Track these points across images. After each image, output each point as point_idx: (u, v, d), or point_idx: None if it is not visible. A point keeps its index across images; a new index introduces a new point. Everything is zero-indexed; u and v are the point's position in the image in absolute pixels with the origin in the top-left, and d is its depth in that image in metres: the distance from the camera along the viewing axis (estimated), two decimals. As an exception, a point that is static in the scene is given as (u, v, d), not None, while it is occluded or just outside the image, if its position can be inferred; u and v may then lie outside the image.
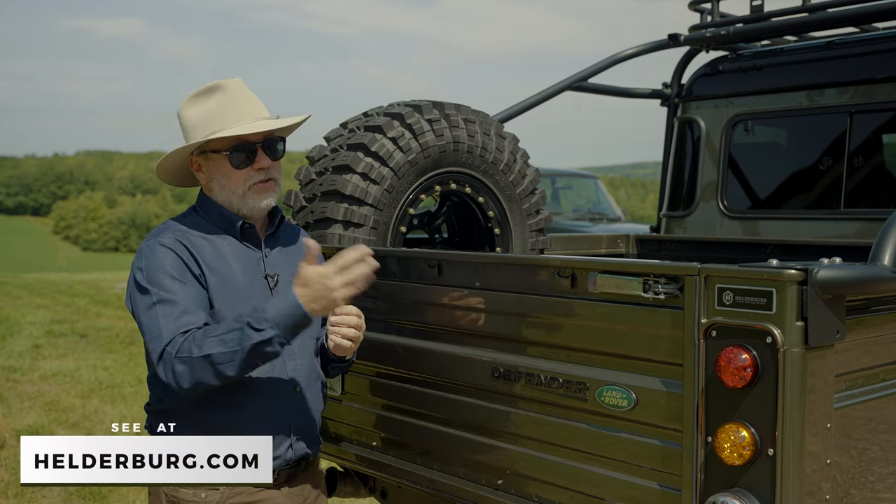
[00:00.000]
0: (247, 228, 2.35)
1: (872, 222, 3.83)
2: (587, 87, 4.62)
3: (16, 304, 12.52)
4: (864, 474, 2.09)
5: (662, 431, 2.06)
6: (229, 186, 2.31)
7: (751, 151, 4.49)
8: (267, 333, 2.04)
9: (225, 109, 2.29)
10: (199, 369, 2.05)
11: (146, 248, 2.25)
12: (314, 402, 2.40)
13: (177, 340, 2.09)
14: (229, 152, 2.29)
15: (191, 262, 2.22)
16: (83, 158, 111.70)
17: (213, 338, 2.06)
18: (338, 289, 2.05)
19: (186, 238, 2.26)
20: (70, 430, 6.25)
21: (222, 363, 2.05)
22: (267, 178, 2.32)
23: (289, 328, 2.07)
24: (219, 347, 2.05)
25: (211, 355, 2.04)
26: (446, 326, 2.61)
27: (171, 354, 2.07)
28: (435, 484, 2.62)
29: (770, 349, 1.84)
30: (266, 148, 2.31)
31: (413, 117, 3.15)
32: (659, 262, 2.22)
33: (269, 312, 2.05)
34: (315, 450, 2.44)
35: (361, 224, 3.05)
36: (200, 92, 2.32)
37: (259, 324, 2.05)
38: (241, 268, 2.30)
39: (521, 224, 3.44)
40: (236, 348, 2.04)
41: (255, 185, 2.31)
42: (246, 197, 2.31)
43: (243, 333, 2.04)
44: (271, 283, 2.34)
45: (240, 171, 2.30)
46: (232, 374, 2.07)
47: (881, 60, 4.00)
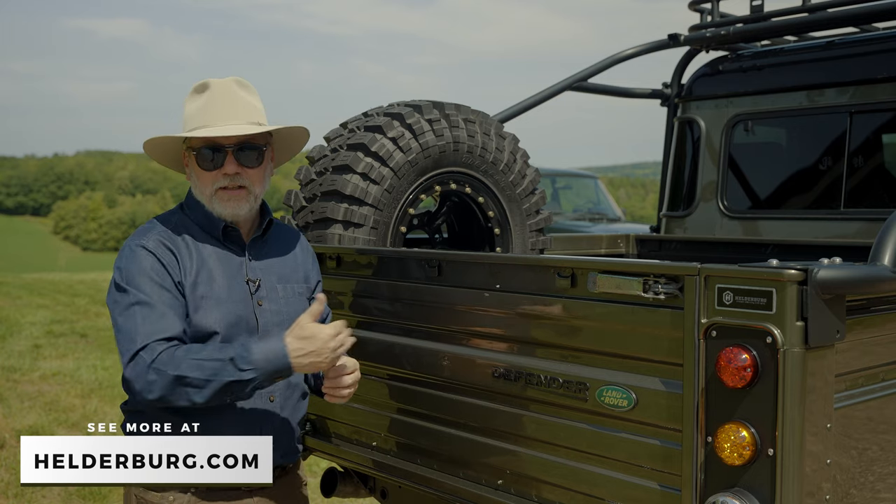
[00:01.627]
0: (230, 231, 2.32)
1: (872, 222, 3.82)
2: (587, 87, 4.62)
3: (16, 304, 12.52)
4: (864, 474, 2.09)
5: (662, 431, 2.06)
6: (199, 187, 2.30)
7: (751, 151, 4.49)
8: (246, 375, 2.05)
9: (205, 109, 2.27)
10: (169, 386, 2.05)
11: (128, 248, 2.24)
12: (291, 412, 2.37)
13: (153, 348, 2.07)
14: (196, 152, 2.27)
15: (172, 267, 2.20)
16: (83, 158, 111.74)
17: (193, 360, 2.05)
18: (333, 351, 2.07)
19: (170, 240, 2.25)
20: (70, 430, 6.25)
21: (193, 388, 2.05)
22: (236, 184, 2.27)
23: (269, 374, 2.07)
24: (195, 372, 2.04)
25: (185, 377, 2.04)
26: (446, 326, 2.61)
27: (146, 362, 2.06)
28: (435, 484, 2.62)
29: (770, 349, 1.84)
30: (238, 153, 2.26)
31: (413, 117, 3.15)
32: (659, 262, 2.21)
33: (254, 354, 2.05)
34: (292, 458, 2.41)
35: (361, 224, 3.05)
36: (196, 87, 2.33)
37: (242, 363, 2.04)
38: (221, 272, 2.27)
39: (521, 224, 3.44)
40: (211, 378, 2.04)
41: (219, 191, 2.27)
42: (212, 200, 2.28)
43: (223, 367, 2.04)
44: (252, 288, 2.30)
45: (207, 173, 2.27)
46: (199, 401, 2.07)
47: (881, 60, 4.00)
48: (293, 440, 2.40)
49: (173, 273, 2.19)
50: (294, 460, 2.44)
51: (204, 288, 2.23)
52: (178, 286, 2.19)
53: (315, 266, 2.54)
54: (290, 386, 2.35)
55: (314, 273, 2.52)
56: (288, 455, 2.38)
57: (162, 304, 2.14)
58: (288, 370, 2.08)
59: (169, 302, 2.16)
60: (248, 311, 2.29)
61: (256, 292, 2.31)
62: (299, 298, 2.41)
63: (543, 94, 4.43)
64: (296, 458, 2.45)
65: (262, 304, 2.32)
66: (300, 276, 2.44)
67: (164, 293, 2.16)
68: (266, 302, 2.32)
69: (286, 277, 2.40)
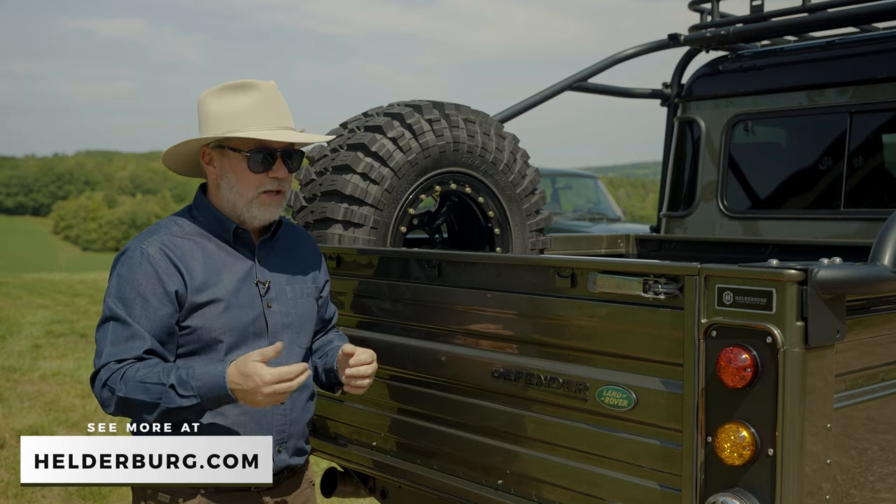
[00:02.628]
0: (241, 234, 2.30)
1: (872, 222, 3.83)
2: (587, 87, 4.62)
3: (16, 304, 12.52)
4: (864, 474, 2.09)
5: (662, 431, 2.06)
6: (238, 188, 2.25)
7: (751, 151, 4.50)
8: (185, 402, 2.05)
9: (255, 110, 2.23)
10: (121, 406, 2.09)
11: (130, 250, 2.21)
12: (299, 413, 2.36)
13: (110, 367, 2.10)
14: (249, 154, 2.23)
15: (169, 275, 2.17)
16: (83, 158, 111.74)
17: (139, 383, 2.06)
18: (267, 396, 2.03)
19: (174, 244, 2.21)
20: (70, 430, 6.25)
21: (141, 410, 2.08)
22: (278, 189, 2.27)
23: (212, 400, 2.07)
24: (142, 395, 2.06)
25: (131, 399, 2.07)
26: (446, 326, 2.61)
27: (103, 380, 2.10)
28: (435, 484, 2.62)
29: (770, 349, 1.84)
30: (285, 158, 2.26)
31: (413, 117, 3.15)
32: (659, 262, 2.21)
33: (196, 380, 2.05)
34: (300, 460, 2.40)
35: (361, 224, 3.05)
36: (231, 86, 2.27)
37: (182, 389, 2.05)
38: (230, 275, 2.25)
39: (521, 224, 3.44)
40: (157, 401, 2.06)
41: (264, 194, 2.25)
42: (252, 204, 2.25)
43: (165, 392, 2.05)
44: (262, 290, 2.29)
45: (255, 176, 2.24)
46: (151, 421, 2.10)
47: (881, 60, 4.00)
48: (302, 441, 2.40)
49: (169, 282, 2.16)
50: (303, 461, 2.43)
51: (211, 292, 2.21)
52: (174, 295, 2.17)
53: (322, 266, 2.53)
54: (299, 388, 2.35)
55: (322, 273, 2.51)
56: (297, 455, 2.38)
57: (140, 320, 2.13)
58: (229, 399, 2.06)
59: (151, 317, 2.14)
60: (258, 313, 2.27)
61: (266, 294, 2.30)
62: (307, 299, 2.41)
63: (543, 94, 4.42)
64: (304, 459, 2.45)
65: (271, 305, 2.30)
66: (309, 277, 2.44)
67: (148, 308, 2.14)
68: (276, 304, 2.31)
69: (295, 278, 2.39)
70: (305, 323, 2.40)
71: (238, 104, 2.24)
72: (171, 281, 2.17)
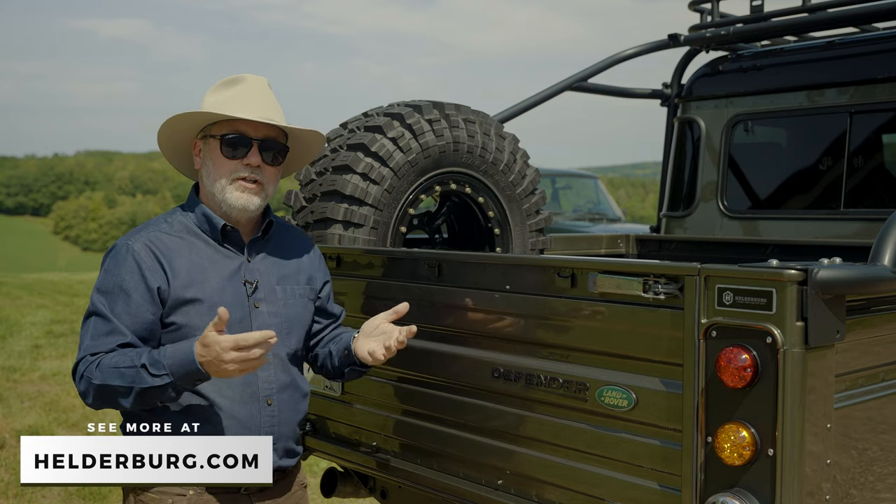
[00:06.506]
0: (229, 231, 2.30)
1: (872, 222, 3.83)
2: (587, 87, 4.62)
3: (16, 304, 12.52)
4: (864, 474, 2.09)
5: (662, 431, 2.06)
6: (214, 174, 2.28)
7: (751, 151, 4.50)
8: (161, 380, 2.05)
9: (236, 98, 2.27)
10: (99, 396, 2.11)
11: (118, 247, 2.23)
12: (288, 413, 2.34)
13: (88, 360, 2.13)
14: (221, 137, 2.27)
15: (153, 272, 2.18)
16: (83, 158, 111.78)
17: (113, 369, 2.07)
18: (228, 363, 2.01)
19: (160, 241, 2.23)
20: (70, 430, 6.25)
21: (119, 396, 2.09)
22: (253, 178, 2.27)
23: (184, 377, 2.06)
24: (117, 381, 2.07)
25: (108, 386, 2.08)
26: (446, 327, 2.61)
27: (80, 371, 2.13)
28: (435, 484, 2.62)
29: (770, 349, 1.84)
30: (263, 147, 2.28)
31: (413, 117, 3.15)
32: (659, 262, 2.21)
33: (167, 358, 2.05)
34: (290, 462, 2.39)
35: (361, 224, 3.05)
36: (224, 81, 2.32)
37: (156, 369, 2.05)
38: (216, 273, 2.26)
39: (521, 224, 3.44)
40: (132, 385, 2.06)
41: (237, 180, 2.26)
42: (226, 190, 2.26)
43: (138, 374, 2.05)
44: (249, 290, 2.29)
45: (228, 161, 2.26)
46: (129, 407, 2.11)
47: (881, 60, 4.00)
48: (292, 442, 2.38)
49: (151, 278, 2.18)
50: (294, 462, 2.42)
51: (195, 290, 2.21)
52: (155, 291, 2.18)
53: (322, 267, 2.53)
54: (287, 387, 2.34)
55: (321, 274, 2.50)
56: (287, 457, 2.37)
57: (121, 315, 2.15)
58: (199, 373, 2.05)
59: (133, 311, 2.16)
60: (244, 313, 2.27)
61: (253, 294, 2.30)
62: (300, 300, 2.40)
63: (543, 94, 4.43)
64: (296, 461, 2.43)
65: (259, 305, 2.30)
66: (303, 278, 2.43)
67: (130, 304, 2.16)
68: (263, 304, 2.31)
69: (286, 279, 2.38)
70: (296, 324, 2.39)
71: (225, 94, 2.29)
72: (153, 277, 2.18)
